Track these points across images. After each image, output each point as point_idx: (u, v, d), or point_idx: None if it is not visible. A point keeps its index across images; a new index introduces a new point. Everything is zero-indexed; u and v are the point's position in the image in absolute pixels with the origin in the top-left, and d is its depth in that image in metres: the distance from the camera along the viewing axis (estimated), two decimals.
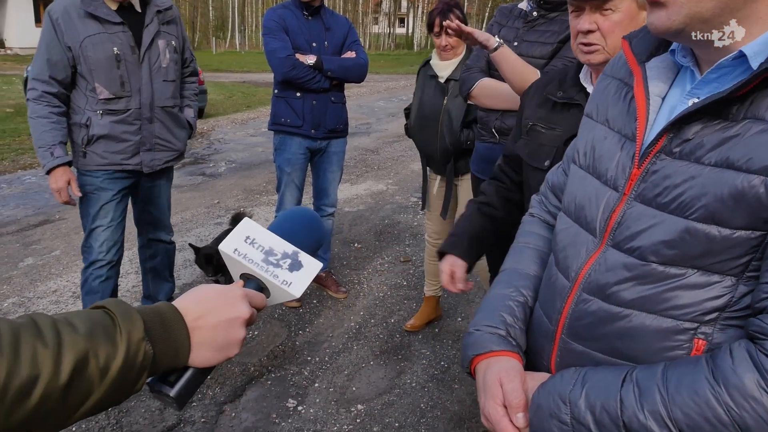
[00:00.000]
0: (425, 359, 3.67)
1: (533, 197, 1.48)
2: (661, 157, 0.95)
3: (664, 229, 0.93)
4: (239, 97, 17.04)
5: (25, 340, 0.68)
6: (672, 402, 0.86)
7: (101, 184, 3.13)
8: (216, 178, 7.93)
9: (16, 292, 4.38)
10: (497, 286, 1.31)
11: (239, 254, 0.96)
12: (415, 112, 3.57)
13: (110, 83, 2.99)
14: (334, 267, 5.01)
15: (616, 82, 1.12)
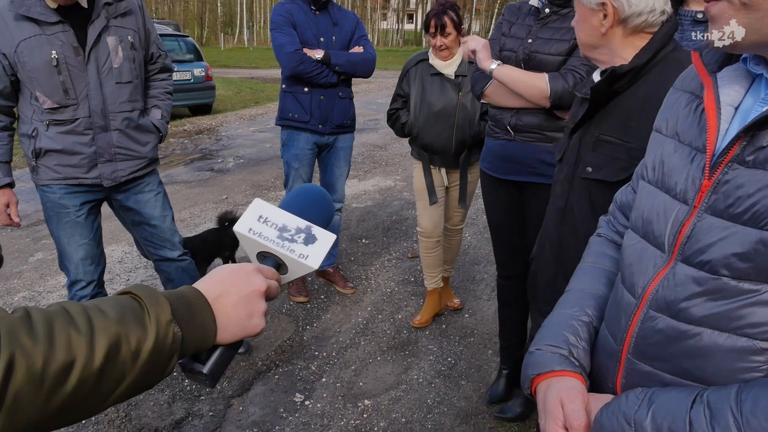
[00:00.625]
0: (432, 355, 3.68)
1: (601, 218, 1.44)
2: (733, 166, 0.91)
3: (737, 241, 0.88)
4: (247, 93, 17.08)
5: (59, 327, 0.69)
6: (746, 425, 0.80)
7: (60, 200, 2.82)
8: (224, 173, 7.95)
9: (26, 287, 4.41)
10: (561, 305, 1.27)
11: (254, 233, 0.98)
12: (420, 110, 3.57)
13: (52, 91, 2.64)
14: (342, 262, 5.02)
15: (687, 95, 1.08)
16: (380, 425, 3.01)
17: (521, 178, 2.80)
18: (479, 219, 6.19)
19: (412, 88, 3.61)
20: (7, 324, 0.66)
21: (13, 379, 0.63)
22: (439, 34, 3.44)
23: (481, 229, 5.91)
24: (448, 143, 3.57)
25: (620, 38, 1.69)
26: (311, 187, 1.12)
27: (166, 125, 3.15)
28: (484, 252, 5.33)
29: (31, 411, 0.66)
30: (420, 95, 3.58)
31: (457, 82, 3.53)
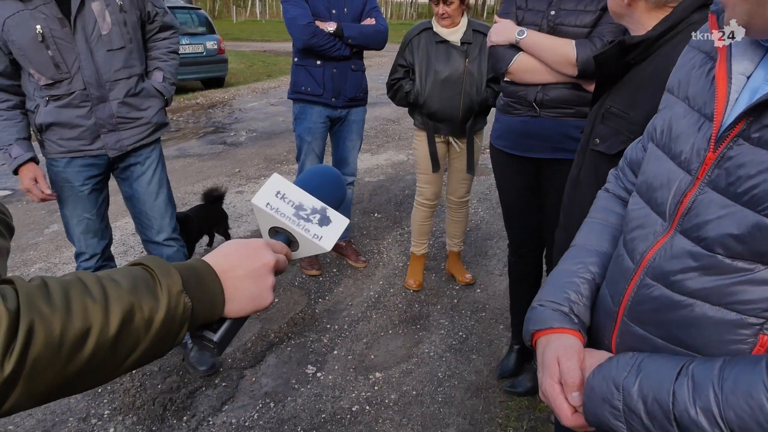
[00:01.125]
0: (443, 329, 3.69)
1: (610, 171, 1.44)
2: (738, 141, 0.90)
3: (735, 222, 0.89)
4: (260, 66, 17.02)
5: (75, 295, 0.71)
6: (725, 402, 0.83)
7: (64, 174, 2.81)
8: (237, 147, 7.95)
9: (42, 258, 4.46)
10: (565, 261, 1.29)
11: (271, 208, 0.99)
12: (426, 77, 3.57)
13: (43, 67, 2.57)
14: (354, 236, 5.03)
15: (702, 55, 1.07)
16: (391, 397, 3.04)
17: (544, 155, 2.72)
18: (492, 194, 6.17)
19: (416, 57, 3.61)
20: (26, 292, 0.67)
21: (33, 345, 0.65)
22: (442, 2, 3.49)
23: (493, 204, 5.89)
24: (456, 110, 3.60)
25: (644, 11, 1.65)
26: (327, 168, 1.12)
27: (171, 87, 3.01)
28: (496, 227, 5.33)
29: (50, 376, 0.68)
30: (426, 63, 3.58)
31: (463, 49, 3.57)
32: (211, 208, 4.42)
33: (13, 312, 0.64)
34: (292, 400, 3.00)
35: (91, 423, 2.80)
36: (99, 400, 2.94)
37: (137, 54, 2.84)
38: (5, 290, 0.67)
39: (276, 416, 2.89)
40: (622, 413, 0.94)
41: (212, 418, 2.86)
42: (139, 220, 3.08)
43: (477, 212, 5.73)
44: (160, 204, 3.04)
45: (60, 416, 2.82)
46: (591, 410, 0.99)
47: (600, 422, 0.98)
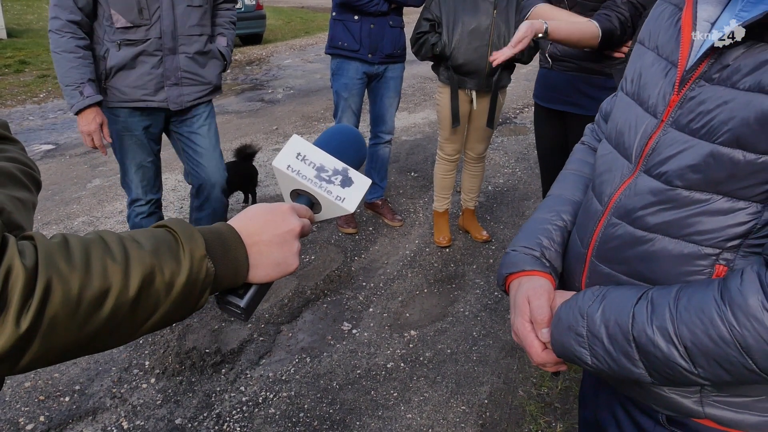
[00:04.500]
0: (479, 289, 3.69)
1: (587, 126, 1.48)
2: (700, 83, 0.93)
3: (692, 154, 0.92)
4: (298, 23, 16.89)
5: (95, 254, 0.70)
6: (679, 319, 0.87)
7: (125, 123, 2.90)
8: (274, 104, 7.95)
9: (85, 212, 4.56)
10: (539, 210, 1.34)
11: (292, 170, 0.98)
12: (454, 29, 3.51)
13: (127, 10, 2.70)
14: (390, 195, 5.02)
15: (671, 7, 1.08)
16: (426, 355, 3.07)
17: (561, 107, 2.84)
18: (530, 154, 6.09)
19: (443, 10, 3.55)
20: (45, 249, 0.67)
21: (50, 304, 0.65)
22: None
23: (531, 164, 5.81)
24: (482, 62, 3.53)
25: None
26: (347, 127, 1.10)
27: (231, 53, 3.20)
28: (534, 188, 5.26)
29: (66, 335, 0.67)
30: (453, 15, 3.52)
31: (491, 1, 3.51)
32: (242, 164, 4.45)
33: (30, 269, 0.64)
34: (328, 356, 3.04)
35: (133, 373, 2.88)
36: (140, 351, 3.03)
37: (208, 16, 3.02)
38: (24, 246, 0.66)
39: (312, 371, 2.93)
40: (586, 339, 0.98)
41: (249, 371, 2.92)
42: (195, 171, 3.20)
43: (515, 172, 5.66)
44: (217, 156, 3.22)
45: (103, 365, 2.91)
46: (557, 339, 1.03)
47: (565, 350, 1.01)
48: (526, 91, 8.80)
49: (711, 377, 0.87)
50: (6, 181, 0.87)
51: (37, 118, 6.94)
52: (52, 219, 4.40)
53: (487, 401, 2.78)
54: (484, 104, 3.75)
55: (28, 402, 2.69)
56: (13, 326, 0.62)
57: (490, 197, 5.08)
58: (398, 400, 2.77)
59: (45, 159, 5.64)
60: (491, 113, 3.75)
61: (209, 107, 3.18)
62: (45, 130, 6.48)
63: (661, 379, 0.92)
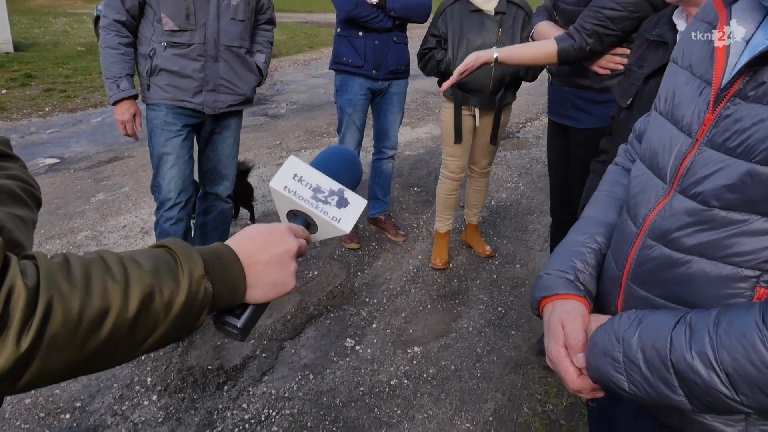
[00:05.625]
0: (482, 304, 3.67)
1: (621, 146, 1.47)
2: (735, 101, 0.92)
3: (728, 173, 0.90)
4: (302, 38, 16.98)
5: (96, 274, 0.71)
6: (719, 344, 0.84)
7: (165, 117, 3.07)
8: (278, 119, 7.98)
9: (88, 226, 4.56)
10: (573, 232, 1.32)
11: (289, 191, 0.99)
12: (459, 46, 3.53)
13: (176, 14, 2.92)
14: (394, 210, 5.02)
15: (704, 25, 1.08)
16: (429, 372, 3.05)
17: (561, 121, 2.92)
18: (533, 168, 6.09)
19: (449, 26, 3.56)
20: (47, 268, 0.67)
21: (51, 323, 0.65)
22: None
23: (534, 178, 5.81)
24: (486, 80, 3.53)
25: None
26: (342, 149, 1.12)
27: (267, 70, 3.39)
28: (537, 202, 5.26)
29: (66, 355, 0.68)
30: (459, 32, 3.54)
31: (497, 18, 3.53)
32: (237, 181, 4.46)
33: (32, 288, 0.64)
34: (331, 373, 3.03)
35: (134, 390, 2.87)
36: (142, 368, 3.01)
37: (249, 31, 3.22)
38: (26, 266, 0.67)
39: (315, 388, 2.92)
40: (622, 364, 0.95)
41: (252, 388, 2.90)
42: (210, 176, 3.41)
43: (518, 187, 5.66)
44: (233, 165, 3.45)
45: (104, 382, 2.90)
46: (593, 364, 1.00)
47: (601, 376, 0.99)
48: (529, 105, 8.83)
49: (755, 405, 0.84)
50: (6, 198, 0.87)
51: (42, 131, 6.96)
52: (55, 233, 4.40)
53: (491, 418, 2.76)
54: (488, 121, 3.75)
55: (28, 419, 2.67)
56: (14, 346, 0.62)
57: (493, 212, 5.07)
58: (402, 417, 2.75)
59: (49, 173, 5.66)
60: (494, 130, 3.75)
61: (239, 118, 3.39)
62: (50, 144, 6.50)
63: (702, 407, 0.89)
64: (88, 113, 7.89)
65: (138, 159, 6.02)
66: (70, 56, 11.64)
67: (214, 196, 3.43)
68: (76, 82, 9.53)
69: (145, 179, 5.37)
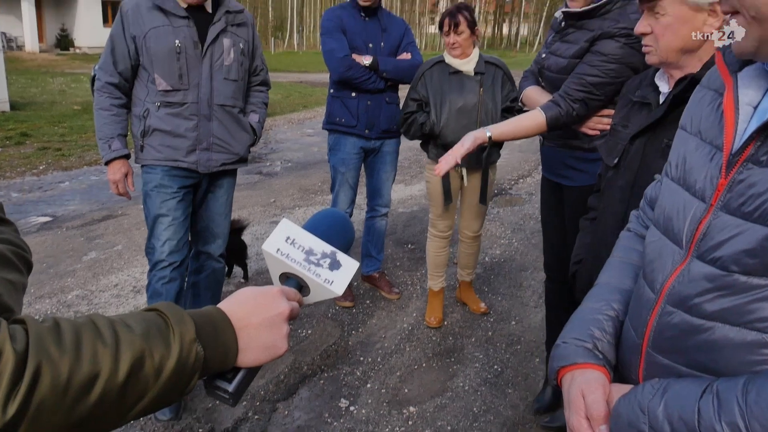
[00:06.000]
0: (478, 363, 3.63)
1: (632, 212, 1.47)
2: (748, 165, 0.93)
3: (746, 238, 0.90)
4: (296, 97, 17.24)
5: (86, 338, 0.70)
6: (750, 414, 0.82)
7: (161, 180, 3.06)
8: (272, 177, 8.03)
9: (80, 285, 4.52)
10: (589, 299, 1.30)
11: (282, 254, 1.00)
12: (442, 108, 3.58)
13: (169, 75, 2.95)
14: (388, 268, 5.01)
15: (711, 93, 1.11)
16: None
17: (554, 179, 2.95)
18: (526, 225, 6.11)
19: (430, 89, 3.62)
20: (36, 333, 0.67)
21: (39, 388, 0.64)
22: (452, 31, 3.55)
23: (528, 234, 5.83)
24: None
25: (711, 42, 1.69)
26: (334, 211, 1.14)
27: (261, 129, 3.42)
28: (531, 258, 5.26)
29: (54, 420, 0.67)
30: (440, 94, 3.59)
31: (477, 79, 3.59)
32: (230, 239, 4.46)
33: (20, 353, 0.64)
34: None
35: None
36: (132, 429, 2.94)
37: (242, 91, 3.26)
38: (15, 330, 0.66)
39: None
40: None
41: None
42: (202, 235, 3.39)
43: (511, 243, 5.67)
44: (226, 224, 3.45)
45: None
46: None
47: None
48: (521, 162, 8.93)
49: None
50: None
51: (36, 189, 6.98)
52: (46, 293, 4.36)
53: None
54: (476, 181, 3.77)
55: None
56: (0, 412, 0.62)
57: (487, 268, 5.07)
58: None
59: (41, 231, 5.64)
60: (483, 189, 3.76)
61: (233, 178, 3.39)
62: (43, 202, 6.51)
63: None
64: (83, 171, 7.93)
65: (131, 217, 6.02)
66: (67, 115, 11.78)
67: (206, 255, 3.41)
68: (72, 140, 9.61)
69: (138, 237, 5.36)
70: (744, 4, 0.89)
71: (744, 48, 0.93)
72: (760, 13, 0.87)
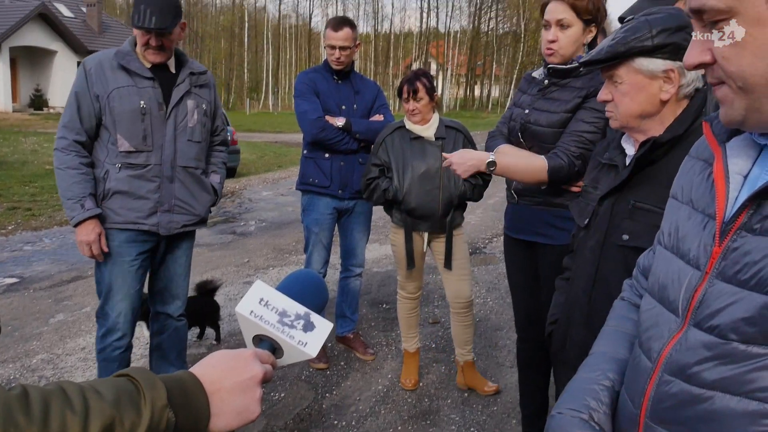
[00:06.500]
0: (455, 425, 3.58)
1: (625, 281, 1.47)
2: (741, 234, 0.94)
3: (744, 306, 0.90)
4: (271, 157, 17.37)
5: (55, 407, 0.69)
6: None
7: (119, 248, 3.00)
8: (246, 236, 8.00)
9: (45, 349, 4.40)
10: (584, 369, 1.29)
11: (255, 316, 0.99)
12: (404, 173, 3.58)
13: (132, 136, 2.92)
14: (362, 328, 4.96)
15: (700, 163, 1.13)
16: None
17: (531, 238, 2.91)
18: (501, 284, 6.13)
19: (392, 155, 3.62)
20: (4, 402, 0.66)
21: None
22: (411, 98, 3.58)
23: (502, 293, 5.84)
24: (435, 204, 3.57)
25: (672, 104, 1.74)
26: (308, 272, 1.14)
27: (221, 190, 3.42)
28: (506, 317, 5.25)
29: None
30: (402, 159, 3.60)
31: (438, 144, 3.61)
32: (203, 300, 4.41)
33: None
34: None
35: None
36: None
37: (205, 152, 3.26)
38: None
39: None
40: None
41: None
42: (161, 295, 3.31)
43: (486, 302, 5.67)
44: (185, 284, 3.37)
45: None
46: None
47: None
48: (494, 221, 9.01)
49: None
50: None
51: (4, 250, 6.86)
52: (9, 357, 4.23)
53: None
54: (441, 246, 3.74)
55: None
56: None
57: None
58: None
59: (7, 293, 5.52)
60: (447, 253, 3.71)
61: (192, 238, 3.34)
62: (10, 263, 6.39)
63: None
64: (53, 231, 7.83)
65: None
66: (38, 175, 11.70)
67: (166, 316, 3.33)
68: (42, 200, 9.52)
69: None
70: (731, 75, 0.90)
71: (732, 117, 0.94)
72: (747, 84, 0.88)
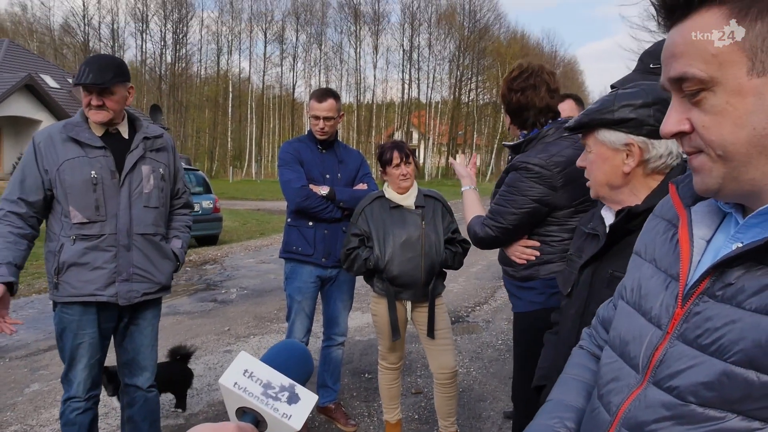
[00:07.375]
0: None
1: (584, 330, 1.50)
2: (703, 299, 0.95)
3: (704, 371, 0.91)
4: (253, 224, 17.37)
5: None
6: None
7: (78, 322, 2.94)
8: (227, 304, 7.92)
9: (19, 420, 4.28)
10: (541, 415, 1.30)
11: (239, 388, 0.98)
12: (385, 243, 3.57)
13: (84, 207, 2.87)
14: (344, 398, 4.89)
15: (664, 222, 1.14)
16: None
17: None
18: (484, 353, 6.09)
19: (372, 225, 3.61)
20: None
21: None
22: (403, 163, 3.62)
23: (486, 363, 5.79)
24: (417, 272, 3.54)
25: (640, 178, 1.79)
26: (293, 343, 1.13)
27: (184, 255, 3.33)
28: (490, 387, 5.20)
29: None
30: (383, 228, 3.59)
31: (418, 212, 3.62)
32: (174, 366, 4.32)
33: None
34: None
35: None
36: None
37: (164, 218, 3.19)
38: None
39: None
40: None
41: None
42: (128, 367, 3.22)
43: (469, 372, 5.62)
44: (153, 355, 3.27)
45: None
46: None
47: None
48: (477, 289, 9.02)
49: None
50: None
51: None
52: None
53: None
54: (423, 315, 3.70)
55: None
56: None
57: None
58: None
59: None
60: (429, 322, 3.66)
61: (157, 307, 3.25)
62: None
63: None
64: (31, 299, 7.71)
65: None
66: None
67: (135, 388, 3.24)
68: None
69: None
70: (710, 144, 0.91)
71: (708, 186, 0.95)
72: (727, 152, 0.89)
